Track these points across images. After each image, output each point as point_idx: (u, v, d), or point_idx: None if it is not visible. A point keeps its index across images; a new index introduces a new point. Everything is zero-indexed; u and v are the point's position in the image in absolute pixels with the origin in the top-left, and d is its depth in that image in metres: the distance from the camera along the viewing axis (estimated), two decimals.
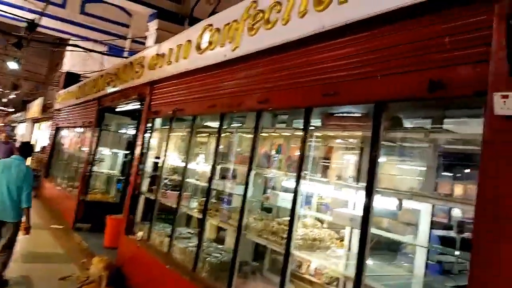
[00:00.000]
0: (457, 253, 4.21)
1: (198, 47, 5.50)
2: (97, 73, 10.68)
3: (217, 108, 5.18)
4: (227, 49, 4.83)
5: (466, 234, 4.39)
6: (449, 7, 2.64)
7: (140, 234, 6.80)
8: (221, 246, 5.73)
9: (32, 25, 10.36)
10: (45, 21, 14.58)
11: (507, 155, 2.28)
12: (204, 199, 5.42)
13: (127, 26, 21.18)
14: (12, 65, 15.95)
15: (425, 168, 3.56)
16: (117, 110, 9.38)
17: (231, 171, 6.11)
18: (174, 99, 6.28)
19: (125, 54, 19.72)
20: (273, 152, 5.24)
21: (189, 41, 5.78)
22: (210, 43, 5.23)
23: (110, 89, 9.06)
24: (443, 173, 3.58)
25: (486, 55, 2.44)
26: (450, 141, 3.22)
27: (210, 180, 5.23)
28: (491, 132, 2.37)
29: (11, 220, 5.81)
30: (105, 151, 10.86)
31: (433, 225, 3.70)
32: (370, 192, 3.14)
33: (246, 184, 4.53)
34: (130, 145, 10.52)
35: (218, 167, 5.47)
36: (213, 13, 12.90)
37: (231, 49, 4.75)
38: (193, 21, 12.67)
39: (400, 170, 3.96)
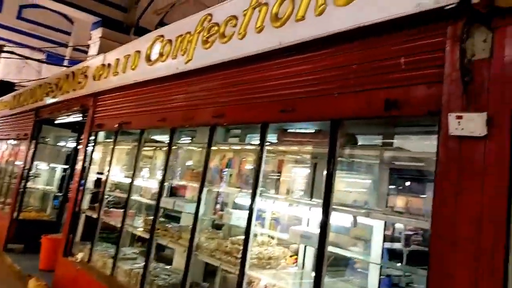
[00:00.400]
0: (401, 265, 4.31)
1: (148, 59, 5.31)
2: (35, 82, 10.04)
3: (168, 122, 5.00)
4: (180, 62, 4.70)
5: (413, 247, 4.52)
6: (405, 29, 2.71)
7: (80, 255, 6.36)
8: (169, 267, 5.49)
9: None
10: None
11: (461, 174, 2.35)
12: (151, 218, 5.18)
13: (68, 33, 20.34)
14: None
15: (376, 184, 3.62)
16: (56, 122, 8.83)
17: (180, 187, 5.92)
18: (120, 111, 6.00)
19: (66, 62, 18.94)
20: (222, 167, 5.12)
21: (138, 51, 5.57)
22: (161, 54, 5.07)
23: (50, 100, 8.52)
24: (393, 188, 3.66)
25: (440, 76, 2.52)
26: (401, 158, 3.29)
27: (159, 197, 5.01)
28: (446, 152, 2.43)
29: None
30: (41, 166, 10.17)
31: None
32: (327, 209, 3.13)
33: (198, 201, 4.38)
34: (70, 159, 9.95)
35: (167, 184, 5.26)
36: (160, 23, 12.78)
37: (184, 61, 4.62)
38: (139, 30, 12.42)
39: (353, 186, 4.00)
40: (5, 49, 17.51)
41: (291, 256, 4.13)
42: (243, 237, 4.15)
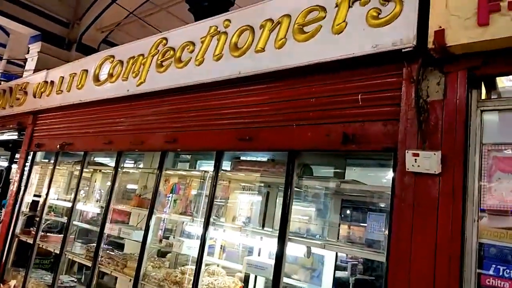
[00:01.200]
0: None
1: (96, 78, 4.99)
2: None
3: (115, 145, 4.69)
4: (131, 84, 4.45)
5: (359, 276, 4.54)
6: (363, 67, 2.75)
7: (12, 282, 5.72)
8: None
9: None
10: None
11: (416, 208, 2.38)
12: (93, 244, 4.79)
13: (3, 45, 19.12)
14: None
15: (328, 214, 3.61)
16: None
17: (117, 212, 5.56)
18: (63, 131, 5.57)
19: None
20: (167, 192, 4.87)
21: (86, 70, 5.23)
22: (110, 75, 4.78)
23: None
24: (343, 218, 3.66)
25: (395, 114, 2.56)
26: (354, 190, 3.31)
27: (103, 223, 4.65)
28: (402, 187, 2.45)
29: None
30: None
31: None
32: (283, 239, 3.04)
33: (147, 228, 4.11)
34: (2, 178, 9.08)
35: (110, 208, 4.90)
36: (104, 41, 12.26)
37: (135, 83, 4.39)
38: (82, 47, 11.83)
39: (302, 215, 3.96)
40: None
41: (240, 287, 3.97)
42: (192, 266, 3.96)
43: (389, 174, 2.60)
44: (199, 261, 3.54)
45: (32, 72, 10.41)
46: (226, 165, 3.97)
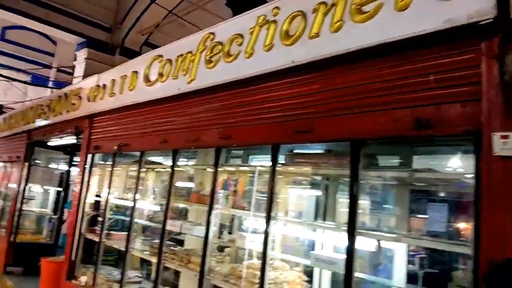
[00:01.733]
0: None
1: (147, 79, 4.97)
2: (27, 104, 9.51)
3: (170, 144, 4.65)
4: (182, 82, 4.38)
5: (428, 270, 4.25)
6: (433, 45, 2.47)
7: (83, 279, 5.92)
8: None
9: None
10: None
11: (507, 194, 2.11)
12: (156, 241, 4.82)
13: (52, 54, 19.73)
14: None
15: (397, 206, 3.36)
16: (49, 144, 8.34)
17: (182, 210, 5.57)
18: (119, 133, 5.63)
19: (51, 84, 18.29)
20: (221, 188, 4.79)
21: (136, 72, 5.22)
22: (160, 75, 4.73)
23: (42, 122, 8.05)
24: (413, 210, 3.38)
25: (475, 94, 2.28)
26: (426, 179, 3.04)
27: (165, 220, 4.65)
28: (488, 172, 2.18)
29: None
30: (35, 188, 9.60)
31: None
32: (352, 233, 2.85)
33: (208, 224, 4.04)
34: (63, 181, 9.44)
35: (165, 205, 4.89)
36: (145, 43, 12.37)
37: (186, 81, 4.30)
38: (125, 51, 12.03)
39: (368, 207, 3.73)
40: None
41: (305, 281, 3.83)
42: (254, 261, 3.86)
43: (464, 159, 2.34)
44: (263, 256, 3.42)
45: (81, 78, 10.71)
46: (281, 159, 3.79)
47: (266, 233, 3.45)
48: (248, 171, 4.44)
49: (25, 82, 15.51)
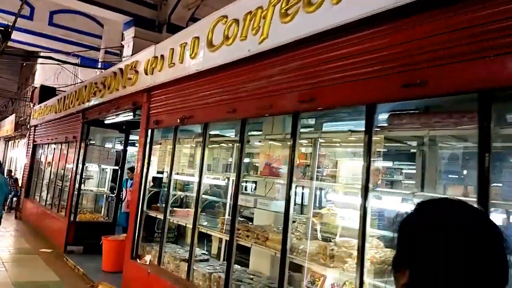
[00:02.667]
0: None
1: (210, 44, 4.58)
2: (80, 84, 9.51)
3: (239, 113, 4.27)
4: (252, 42, 3.95)
5: None
6: None
7: (148, 258, 5.79)
8: (247, 269, 4.84)
9: (5, 33, 9.09)
10: (13, 35, 13.18)
11: None
12: (227, 217, 4.53)
13: (99, 36, 20.12)
14: None
15: None
16: (106, 122, 8.28)
17: (252, 184, 5.24)
18: (180, 106, 5.32)
19: (99, 65, 18.66)
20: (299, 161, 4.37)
21: (197, 37, 4.84)
22: (226, 37, 4.32)
23: (97, 100, 7.95)
24: None
25: None
26: None
27: (236, 195, 4.32)
28: None
29: None
30: (92, 167, 9.70)
31: None
32: (484, 204, 2.35)
33: (288, 199, 3.66)
34: (120, 159, 9.43)
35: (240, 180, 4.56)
36: (192, 19, 12.04)
37: (257, 41, 3.87)
38: (171, 27, 11.76)
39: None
40: (42, 54, 17.37)
41: None
42: (349, 239, 3.45)
43: None
44: (362, 233, 2.99)
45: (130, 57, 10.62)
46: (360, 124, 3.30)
47: (364, 208, 3.00)
48: (327, 138, 3.99)
49: (75, 64, 15.80)
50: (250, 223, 4.64)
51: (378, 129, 3.05)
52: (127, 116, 7.05)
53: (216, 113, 4.62)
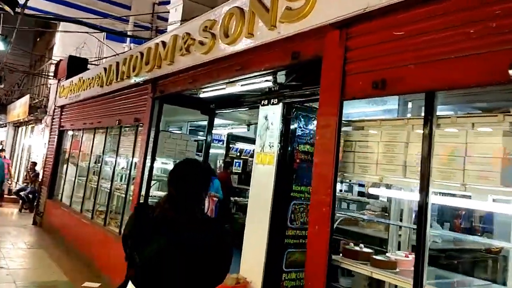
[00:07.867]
0: None
1: None
2: (149, 42, 6.59)
3: None
4: None
5: None
6: None
7: None
8: None
9: None
10: (31, 2, 10.44)
11: None
12: None
13: (127, 7, 18.59)
14: None
15: None
16: (201, 96, 5.46)
17: None
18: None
19: (127, 41, 16.78)
20: None
21: None
22: None
23: (193, 60, 5.06)
24: None
25: None
26: None
27: None
28: None
29: None
30: (157, 164, 6.83)
31: None
32: None
33: None
34: (203, 150, 6.63)
35: None
36: None
37: None
38: None
39: None
40: (61, 27, 15.18)
41: None
42: None
43: None
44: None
45: (178, 24, 8.07)
46: None
47: None
48: None
49: (106, 30, 13.43)
50: None
51: None
52: (261, 82, 4.23)
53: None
